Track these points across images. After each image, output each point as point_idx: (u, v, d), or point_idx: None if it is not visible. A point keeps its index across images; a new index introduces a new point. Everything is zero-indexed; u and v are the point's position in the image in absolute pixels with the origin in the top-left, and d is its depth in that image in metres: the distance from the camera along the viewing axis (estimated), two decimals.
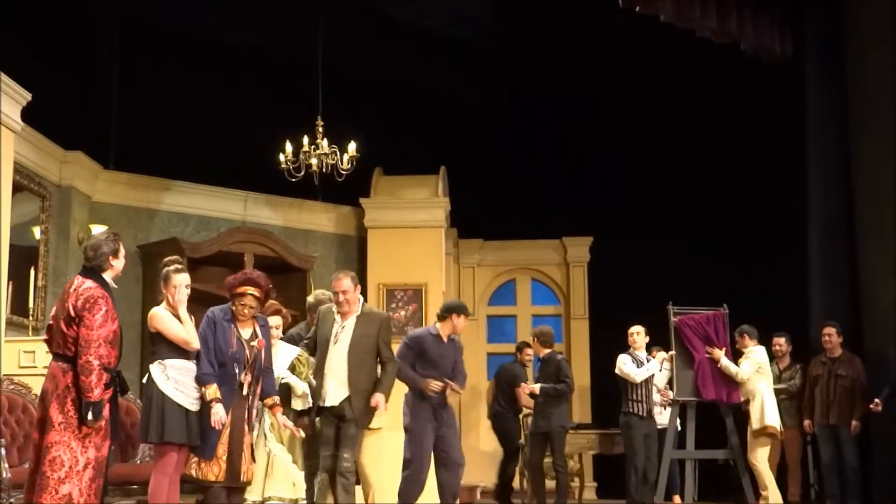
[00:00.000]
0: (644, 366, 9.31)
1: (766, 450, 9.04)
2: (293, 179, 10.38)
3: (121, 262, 5.68)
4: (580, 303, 13.47)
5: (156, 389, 5.96)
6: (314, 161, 10.32)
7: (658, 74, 11.95)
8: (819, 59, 10.81)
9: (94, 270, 5.57)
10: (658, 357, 9.60)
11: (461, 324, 7.81)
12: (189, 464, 6.13)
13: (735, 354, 9.24)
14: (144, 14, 11.01)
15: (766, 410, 8.99)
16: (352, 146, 10.39)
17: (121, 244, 5.69)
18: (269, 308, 6.98)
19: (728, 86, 11.46)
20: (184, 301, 6.11)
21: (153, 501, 5.99)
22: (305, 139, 10.35)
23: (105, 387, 5.40)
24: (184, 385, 6.01)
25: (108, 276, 5.60)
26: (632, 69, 12.03)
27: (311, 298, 7.96)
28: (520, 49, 12.31)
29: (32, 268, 9.52)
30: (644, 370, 9.27)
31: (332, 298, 7.27)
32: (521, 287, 13.92)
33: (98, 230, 10.43)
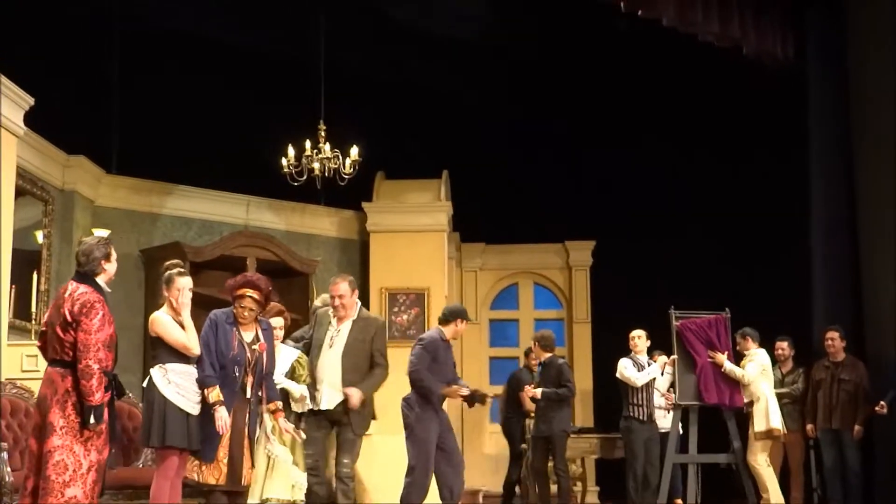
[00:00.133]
0: (645, 370, 9.32)
1: (767, 452, 9.05)
2: (295, 183, 10.38)
3: (113, 266, 5.69)
4: (582, 307, 13.46)
5: (157, 393, 5.97)
6: (316, 165, 10.33)
7: (660, 77, 11.95)
8: (820, 62, 10.79)
9: (88, 275, 5.59)
10: (659, 361, 9.61)
11: (462, 329, 7.83)
12: (190, 467, 6.13)
13: (736, 357, 9.24)
14: (146, 17, 11.02)
15: (771, 413, 8.99)
16: (354, 150, 10.39)
17: (112, 248, 5.71)
18: (272, 309, 7.00)
19: (730, 88, 11.47)
20: (187, 304, 6.11)
21: None
22: (308, 143, 10.36)
23: (104, 390, 5.42)
24: (185, 389, 6.02)
25: (102, 281, 5.62)
26: (634, 72, 12.03)
27: (318, 302, 7.97)
28: (522, 53, 12.30)
29: (35, 272, 9.53)
30: (644, 374, 9.28)
31: (330, 302, 7.28)
32: (524, 291, 13.91)
33: (101, 234, 10.46)
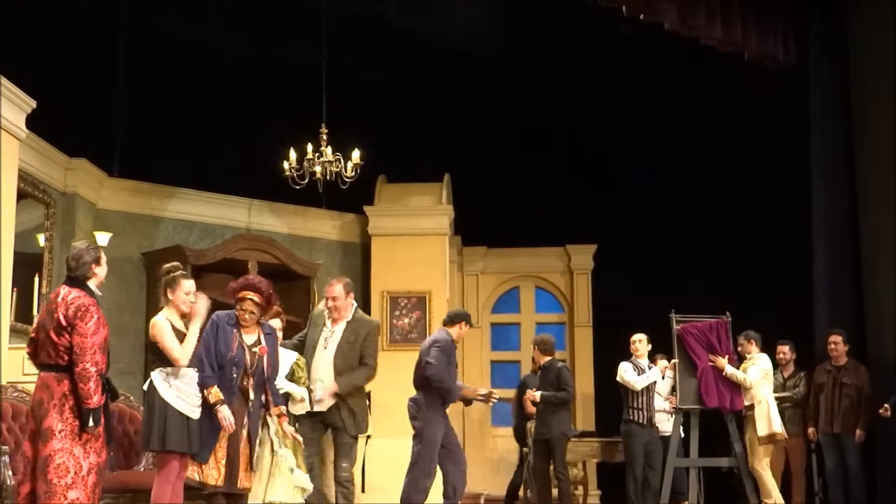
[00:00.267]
0: (644, 374, 9.32)
1: (769, 456, 9.04)
2: (297, 187, 10.37)
3: (103, 270, 5.70)
4: (584, 310, 13.46)
5: (158, 397, 5.97)
6: (318, 169, 10.31)
7: (661, 81, 11.96)
8: (822, 65, 10.80)
9: (79, 280, 5.59)
10: (659, 365, 9.60)
11: (465, 332, 7.90)
12: (191, 468, 6.13)
13: (738, 359, 9.21)
14: (148, 22, 11.03)
15: (773, 417, 8.98)
16: (355, 154, 10.39)
17: (102, 252, 5.73)
18: (269, 311, 6.97)
19: (731, 91, 11.47)
20: (202, 314, 6.13)
21: None
22: (309, 147, 10.34)
23: (100, 393, 5.43)
24: (185, 393, 6.02)
25: (93, 285, 5.63)
26: (635, 77, 12.04)
27: (322, 306, 7.96)
28: (524, 58, 12.30)
29: (37, 275, 9.53)
30: (644, 378, 9.28)
31: (324, 303, 7.27)
32: (525, 295, 13.91)
33: (102, 237, 10.47)
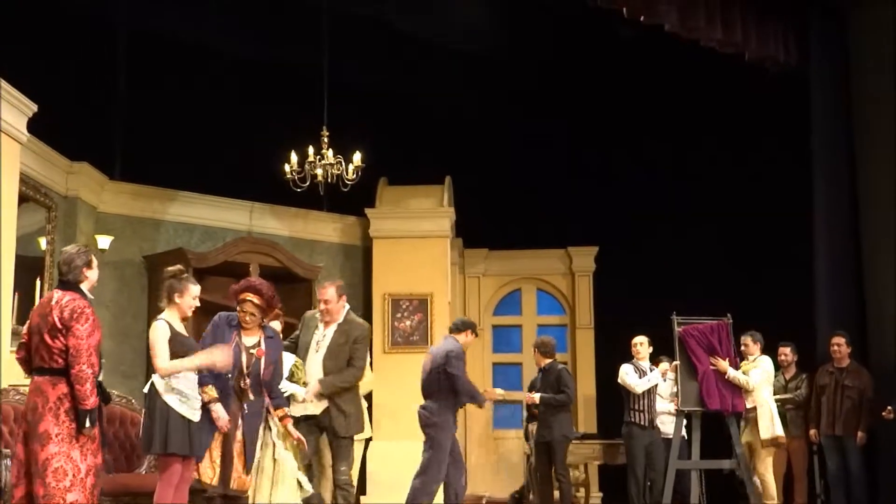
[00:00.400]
0: (645, 377, 9.31)
1: (771, 459, 9.03)
2: (298, 190, 10.37)
3: (95, 273, 5.70)
4: (585, 312, 13.45)
5: (159, 400, 5.96)
6: (319, 171, 10.31)
7: (662, 83, 11.96)
8: (822, 66, 10.77)
9: (71, 283, 5.59)
10: (660, 367, 9.59)
11: (471, 341, 8.03)
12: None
13: (739, 358, 9.18)
14: (150, 25, 11.05)
15: (776, 420, 8.97)
16: (357, 156, 10.38)
17: (93, 256, 5.72)
18: (271, 313, 6.96)
19: (731, 92, 11.45)
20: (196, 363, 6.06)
21: None
22: (311, 149, 10.34)
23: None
24: (186, 395, 6.01)
25: (85, 288, 5.63)
26: (636, 79, 12.04)
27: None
28: (525, 60, 12.31)
29: (38, 278, 9.53)
30: (645, 381, 9.27)
31: (317, 306, 7.25)
32: (527, 297, 13.90)
33: (104, 241, 10.48)
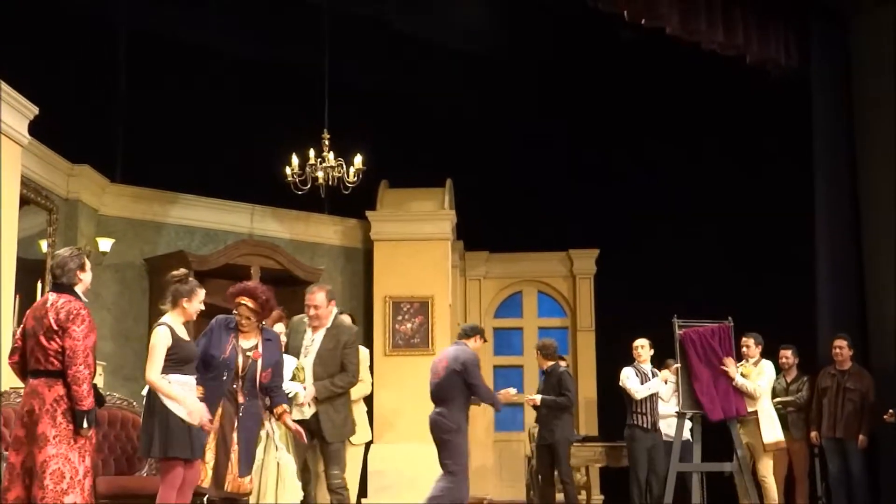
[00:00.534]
0: (646, 384, 9.30)
1: (772, 462, 9.03)
2: (299, 192, 10.37)
3: (88, 276, 5.71)
4: (587, 315, 13.46)
5: (158, 403, 5.94)
6: (320, 174, 10.31)
7: (663, 85, 11.95)
8: (824, 68, 10.78)
9: (65, 286, 5.60)
10: (662, 374, 9.55)
11: (479, 346, 8.10)
12: None
13: (738, 360, 9.17)
14: (151, 27, 11.05)
15: (776, 425, 8.97)
16: (358, 159, 10.38)
17: (86, 258, 5.73)
18: (273, 316, 6.95)
19: (733, 95, 11.44)
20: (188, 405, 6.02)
21: None
22: (312, 152, 10.33)
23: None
24: (185, 399, 5.98)
25: (80, 290, 5.64)
26: (637, 81, 12.04)
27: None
28: (526, 62, 12.32)
29: (39, 281, 9.53)
30: (645, 389, 9.27)
31: (306, 311, 7.21)
32: (528, 299, 13.90)
33: (105, 243, 10.48)
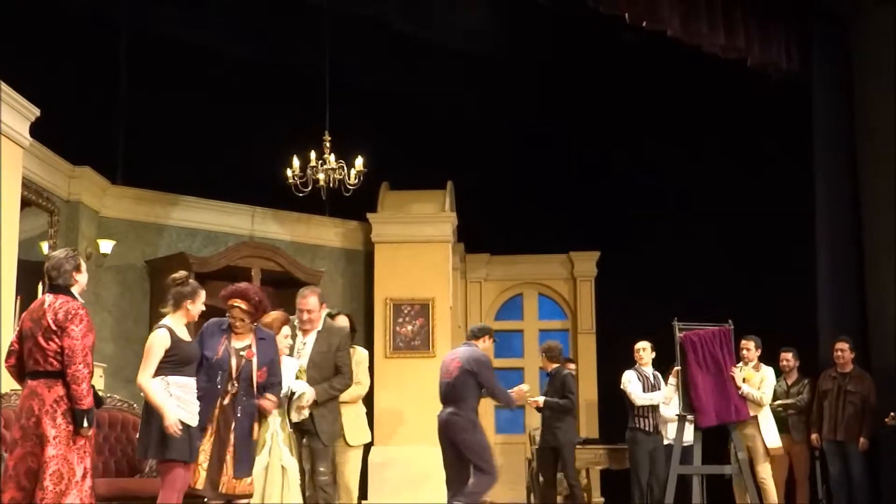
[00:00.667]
0: (649, 393, 9.33)
1: (769, 464, 9.02)
2: (300, 194, 10.37)
3: (84, 277, 5.72)
4: (587, 317, 13.46)
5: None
6: (321, 176, 10.32)
7: (663, 88, 11.94)
8: (824, 71, 10.78)
9: (61, 287, 5.60)
10: (667, 393, 9.48)
11: (489, 346, 8.13)
12: None
13: (737, 362, 9.15)
14: (152, 29, 11.06)
15: (776, 430, 8.97)
16: (359, 161, 10.39)
17: (81, 259, 5.74)
18: (278, 319, 6.91)
19: (733, 97, 11.44)
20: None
21: None
22: (312, 154, 10.34)
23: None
24: (185, 402, 5.97)
25: (76, 291, 5.65)
26: (638, 84, 12.03)
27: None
28: (527, 64, 12.32)
29: (40, 283, 9.51)
30: (647, 398, 9.29)
31: (297, 314, 7.19)
32: (528, 302, 13.91)
33: (106, 245, 10.48)
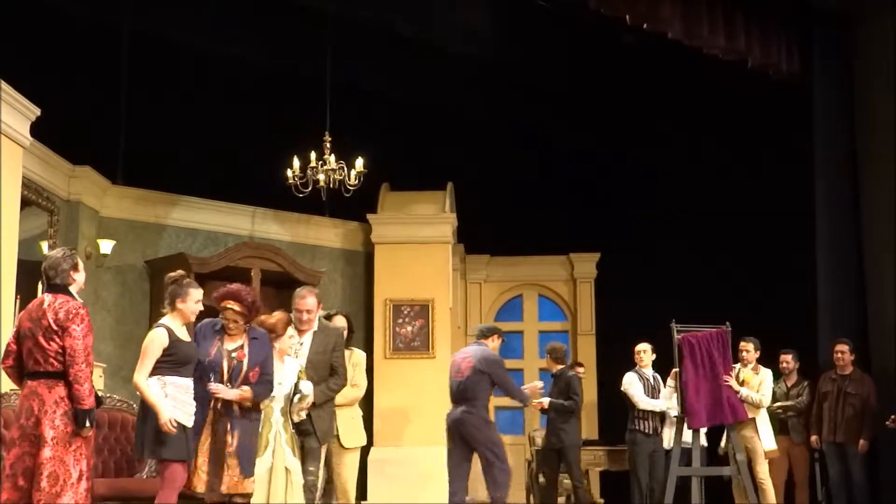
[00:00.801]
0: (652, 400, 9.35)
1: (767, 466, 9.02)
2: (300, 195, 10.37)
3: (82, 276, 5.72)
4: (587, 319, 13.47)
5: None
6: (321, 177, 10.32)
7: (664, 89, 11.95)
8: (825, 73, 10.77)
9: (59, 287, 5.60)
10: (669, 404, 9.48)
11: (498, 345, 8.24)
12: None
13: (735, 363, 9.15)
14: (153, 30, 11.06)
15: (771, 433, 8.98)
16: (359, 162, 10.39)
17: (78, 259, 5.74)
18: (281, 320, 6.90)
19: (734, 99, 11.43)
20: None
21: None
22: (313, 155, 10.34)
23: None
24: (181, 402, 5.94)
25: (74, 290, 5.65)
26: (638, 85, 12.03)
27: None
28: (527, 66, 12.32)
29: (40, 283, 9.51)
30: (651, 404, 9.31)
31: (294, 315, 7.17)
32: (528, 303, 13.92)
33: (106, 245, 10.48)
